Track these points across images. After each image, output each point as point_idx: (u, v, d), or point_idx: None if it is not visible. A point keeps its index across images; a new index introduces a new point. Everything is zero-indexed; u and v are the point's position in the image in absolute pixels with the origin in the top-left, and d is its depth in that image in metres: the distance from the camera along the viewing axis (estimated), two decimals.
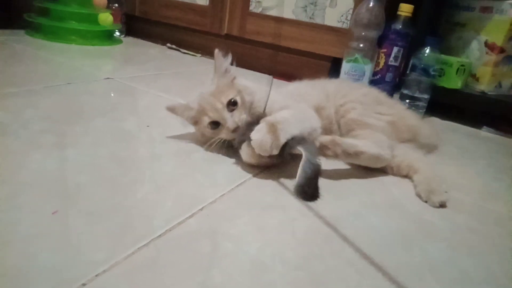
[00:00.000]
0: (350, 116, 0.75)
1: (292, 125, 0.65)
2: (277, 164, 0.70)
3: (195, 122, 0.75)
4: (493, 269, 0.50)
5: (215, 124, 0.71)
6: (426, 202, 0.65)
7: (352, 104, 0.76)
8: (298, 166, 0.62)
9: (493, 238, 0.58)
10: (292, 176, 0.69)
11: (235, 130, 0.69)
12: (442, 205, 0.64)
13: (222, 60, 0.74)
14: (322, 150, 0.66)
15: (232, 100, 0.71)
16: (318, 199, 0.61)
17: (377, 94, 0.85)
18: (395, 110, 0.81)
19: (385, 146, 0.72)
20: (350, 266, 0.47)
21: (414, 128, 0.80)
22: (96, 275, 0.40)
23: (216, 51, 0.74)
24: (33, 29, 1.57)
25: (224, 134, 0.71)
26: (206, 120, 0.71)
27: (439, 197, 0.64)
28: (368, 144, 0.70)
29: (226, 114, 0.70)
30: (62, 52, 1.38)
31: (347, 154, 0.68)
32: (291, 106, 0.73)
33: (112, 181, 0.58)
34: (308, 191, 0.60)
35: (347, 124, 0.75)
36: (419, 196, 0.67)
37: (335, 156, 0.67)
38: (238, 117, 0.70)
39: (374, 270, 0.47)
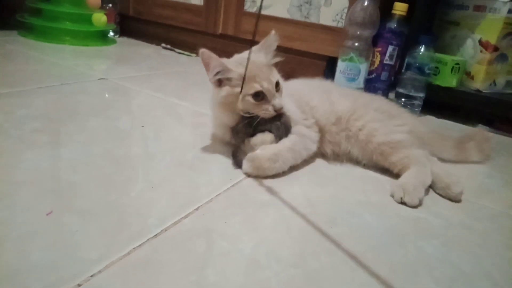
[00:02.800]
0: (378, 140, 0.73)
1: (287, 161, 0.68)
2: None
3: (220, 81, 0.69)
4: (486, 264, 0.50)
5: (260, 98, 0.67)
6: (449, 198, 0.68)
7: (372, 125, 0.75)
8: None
9: (487, 234, 0.58)
10: (286, 175, 0.69)
11: (278, 111, 0.68)
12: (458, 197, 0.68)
13: (274, 42, 0.73)
14: None
15: (278, 83, 0.70)
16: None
17: (387, 106, 0.83)
18: (406, 119, 0.80)
19: (426, 160, 0.72)
20: (344, 264, 0.47)
21: (424, 134, 0.80)
22: (91, 276, 0.39)
23: (273, 32, 0.74)
24: (26, 29, 1.56)
25: (263, 111, 0.68)
26: (255, 87, 0.67)
27: (456, 189, 0.67)
28: (422, 170, 0.70)
29: (274, 91, 0.68)
30: (55, 52, 1.37)
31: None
32: (298, 122, 0.73)
33: (106, 180, 0.58)
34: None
35: (379, 149, 0.73)
36: (437, 192, 0.70)
37: None
38: (282, 106, 0.69)
39: (369, 268, 0.47)
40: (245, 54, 0.71)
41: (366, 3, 1.13)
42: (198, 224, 0.51)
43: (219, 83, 0.70)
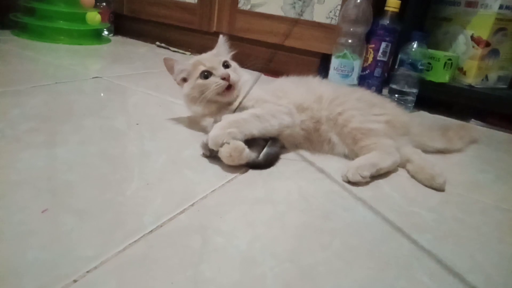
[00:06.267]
0: (352, 126, 0.76)
1: (251, 125, 0.68)
2: (259, 164, 0.69)
3: (184, 80, 0.81)
4: (477, 257, 0.51)
5: (206, 76, 0.76)
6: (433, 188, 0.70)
7: (350, 112, 0.77)
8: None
9: (479, 227, 0.59)
10: (281, 172, 0.70)
11: (226, 78, 0.75)
12: (442, 187, 0.70)
13: (225, 44, 0.86)
14: None
15: (226, 63, 0.80)
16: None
17: (369, 96, 0.86)
18: (387, 109, 0.83)
19: (394, 150, 0.75)
20: (338, 258, 0.47)
21: (406, 124, 0.82)
22: (87, 272, 0.40)
23: (221, 36, 0.86)
24: (20, 29, 1.55)
25: (213, 86, 0.75)
26: (200, 69, 0.77)
27: (440, 179, 0.69)
28: (381, 156, 0.73)
29: (219, 66, 0.77)
30: (49, 51, 1.36)
31: (372, 177, 0.70)
32: (268, 101, 0.76)
33: (101, 179, 0.58)
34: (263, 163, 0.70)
35: (351, 134, 0.76)
36: (422, 183, 0.71)
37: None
38: (231, 72, 0.77)
39: (363, 262, 0.48)
40: (200, 57, 0.82)
41: (359, 0, 1.14)
42: (194, 220, 0.51)
43: (184, 82, 0.81)
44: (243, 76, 0.81)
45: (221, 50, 0.84)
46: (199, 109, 0.79)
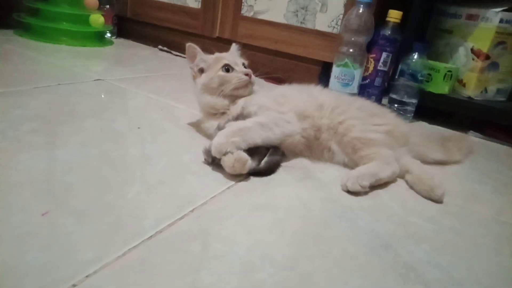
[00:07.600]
0: (353, 135, 0.76)
1: (254, 134, 0.69)
2: (260, 171, 0.70)
3: (202, 71, 0.83)
4: (475, 269, 0.52)
5: (228, 69, 0.80)
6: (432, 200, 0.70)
7: (351, 121, 0.78)
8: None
9: (476, 239, 0.59)
10: (281, 180, 0.70)
11: (248, 73, 0.80)
12: (441, 199, 0.70)
13: (237, 51, 0.90)
14: None
15: (244, 65, 0.85)
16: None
17: (370, 106, 0.87)
18: (388, 119, 0.84)
19: (393, 161, 0.75)
20: (337, 267, 0.48)
21: (406, 134, 0.83)
22: (86, 276, 0.40)
23: (234, 44, 0.91)
24: (23, 29, 1.55)
25: (235, 79, 0.79)
26: (222, 62, 0.80)
27: (439, 191, 0.69)
28: (381, 166, 0.73)
29: (240, 64, 0.83)
30: (52, 52, 1.37)
31: (371, 187, 0.70)
32: (270, 108, 0.77)
33: (102, 181, 0.58)
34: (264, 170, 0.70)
35: (351, 143, 0.77)
36: (420, 195, 0.72)
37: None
38: (250, 71, 0.81)
39: (361, 271, 0.48)
40: (220, 54, 0.86)
41: (361, 10, 1.15)
42: (194, 226, 0.51)
43: (201, 72, 0.83)
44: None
45: (234, 56, 0.87)
46: (212, 100, 0.80)
